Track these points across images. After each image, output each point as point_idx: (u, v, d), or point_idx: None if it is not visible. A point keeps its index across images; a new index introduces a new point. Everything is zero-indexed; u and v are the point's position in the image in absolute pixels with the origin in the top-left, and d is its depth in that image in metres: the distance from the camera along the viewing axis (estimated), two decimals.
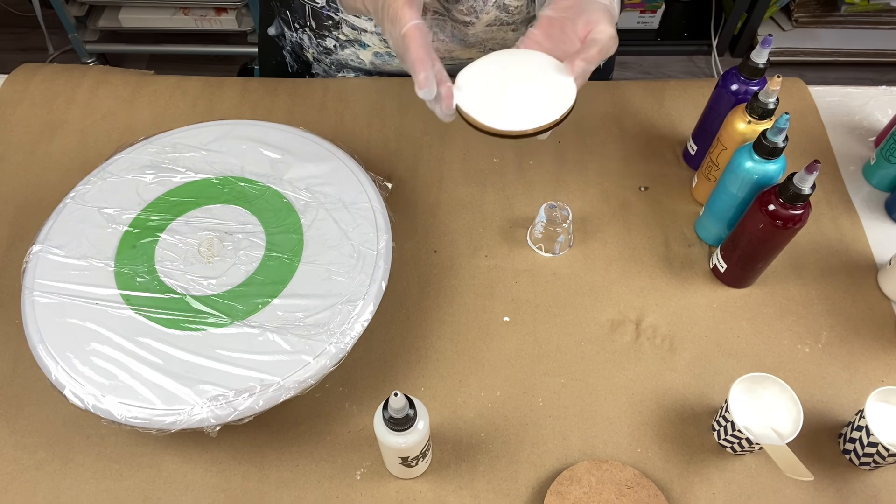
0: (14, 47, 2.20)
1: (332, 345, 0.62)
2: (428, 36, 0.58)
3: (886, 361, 0.71)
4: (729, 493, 0.63)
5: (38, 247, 0.68)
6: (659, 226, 0.81)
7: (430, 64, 0.57)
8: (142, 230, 0.70)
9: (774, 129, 0.65)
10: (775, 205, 0.65)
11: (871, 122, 0.91)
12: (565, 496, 0.62)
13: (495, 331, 0.73)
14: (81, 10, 1.93)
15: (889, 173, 0.83)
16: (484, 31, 0.81)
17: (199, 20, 1.94)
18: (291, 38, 0.93)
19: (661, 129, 0.89)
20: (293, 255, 0.68)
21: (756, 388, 0.63)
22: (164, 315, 0.64)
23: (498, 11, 0.78)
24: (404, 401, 0.53)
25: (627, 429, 0.67)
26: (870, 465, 0.64)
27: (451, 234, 0.79)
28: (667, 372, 0.70)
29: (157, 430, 0.58)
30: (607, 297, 0.75)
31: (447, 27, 0.81)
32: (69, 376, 0.60)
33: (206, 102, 0.90)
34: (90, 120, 0.89)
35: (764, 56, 0.71)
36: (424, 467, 0.64)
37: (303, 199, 0.72)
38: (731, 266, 0.73)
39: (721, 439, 0.65)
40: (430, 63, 0.57)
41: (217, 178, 0.74)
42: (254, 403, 0.59)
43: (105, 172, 0.74)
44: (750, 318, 0.74)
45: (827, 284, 0.76)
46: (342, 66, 0.93)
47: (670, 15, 2.18)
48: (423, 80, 0.57)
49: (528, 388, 0.69)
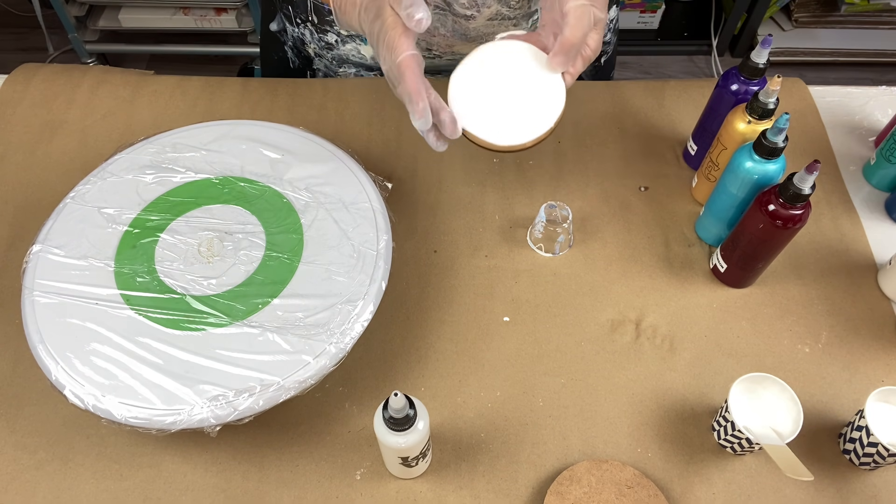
0: (14, 47, 2.20)
1: (332, 345, 0.62)
2: (422, 65, 0.58)
3: (886, 361, 0.71)
4: (729, 493, 0.63)
5: (38, 247, 0.68)
6: (659, 226, 0.81)
7: (426, 94, 0.58)
8: (142, 230, 0.70)
9: (774, 129, 0.65)
10: (775, 205, 0.65)
11: (871, 122, 0.91)
12: (565, 496, 0.62)
13: (495, 331, 0.73)
14: (81, 10, 1.93)
15: (889, 173, 0.83)
16: (485, 26, 0.81)
17: (199, 20, 1.94)
18: (293, 33, 0.93)
19: (661, 129, 0.89)
20: (293, 255, 0.68)
21: (756, 388, 0.63)
22: (164, 315, 0.64)
23: (499, 6, 0.78)
24: (404, 401, 0.53)
25: (627, 429, 0.67)
26: (870, 465, 0.64)
27: (451, 234, 0.79)
28: (667, 372, 0.70)
29: (157, 430, 0.58)
30: (607, 297, 0.75)
31: (448, 21, 0.81)
32: (69, 376, 0.60)
33: (206, 102, 0.90)
34: (90, 120, 0.89)
35: (764, 56, 0.71)
36: (424, 467, 0.64)
37: (303, 199, 0.72)
38: (731, 266, 0.73)
39: (721, 439, 0.65)
40: (426, 93, 0.58)
41: (217, 178, 0.74)
42: (254, 403, 0.59)
43: (105, 172, 0.74)
44: (750, 318, 0.74)
45: (827, 284, 0.76)
46: (343, 61, 0.93)
47: (670, 15, 2.18)
48: (421, 110, 0.57)
49: (528, 388, 0.69)
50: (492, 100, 0.62)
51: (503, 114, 0.62)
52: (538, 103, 0.62)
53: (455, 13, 0.79)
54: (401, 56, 0.57)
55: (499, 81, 0.63)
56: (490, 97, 0.62)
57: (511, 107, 0.62)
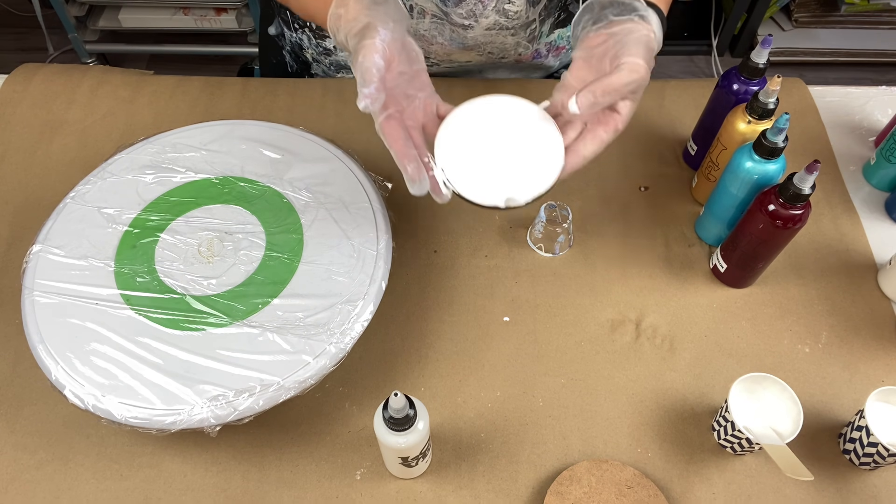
0: (14, 47, 2.20)
1: (332, 345, 0.62)
2: (403, 124, 0.55)
3: (886, 361, 0.71)
4: (729, 493, 0.63)
5: (38, 247, 0.68)
6: (659, 226, 0.81)
7: (415, 154, 0.55)
8: (142, 230, 0.70)
9: (774, 129, 0.65)
10: (775, 205, 0.65)
11: (871, 122, 0.91)
12: (565, 496, 0.62)
13: (495, 331, 0.73)
14: (81, 10, 1.93)
15: (889, 173, 0.83)
16: (483, 35, 0.81)
17: (199, 20, 1.94)
18: (291, 38, 0.93)
19: (661, 129, 0.89)
20: (293, 255, 0.68)
21: (756, 388, 0.63)
22: (164, 315, 0.64)
23: (497, 16, 0.78)
24: (404, 401, 0.53)
25: (627, 429, 0.67)
26: (870, 465, 0.64)
27: (451, 234, 0.79)
28: (667, 372, 0.70)
29: (157, 430, 0.58)
30: (607, 297, 0.75)
31: (446, 30, 0.81)
32: (69, 376, 0.60)
33: (206, 102, 0.90)
34: (90, 120, 0.89)
35: (764, 56, 0.71)
36: (424, 467, 0.64)
37: (303, 199, 0.72)
38: (731, 266, 0.73)
39: (721, 439, 0.65)
40: (414, 153, 0.55)
41: (217, 178, 0.74)
42: (254, 403, 0.59)
43: (105, 172, 0.74)
44: (750, 318, 0.74)
45: (827, 284, 0.76)
46: (341, 66, 0.93)
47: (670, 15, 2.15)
48: (413, 173, 0.54)
49: (528, 388, 0.69)
50: (483, 158, 0.57)
51: (496, 173, 0.57)
52: (534, 160, 0.56)
53: (453, 23, 0.79)
54: (380, 119, 0.54)
55: (490, 137, 0.58)
56: (481, 155, 0.57)
57: (504, 165, 0.57)
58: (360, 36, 0.54)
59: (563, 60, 0.93)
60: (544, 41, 0.88)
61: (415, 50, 0.58)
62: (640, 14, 0.56)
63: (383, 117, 0.55)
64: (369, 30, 0.54)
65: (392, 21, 0.55)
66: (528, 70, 0.94)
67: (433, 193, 0.57)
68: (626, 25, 0.55)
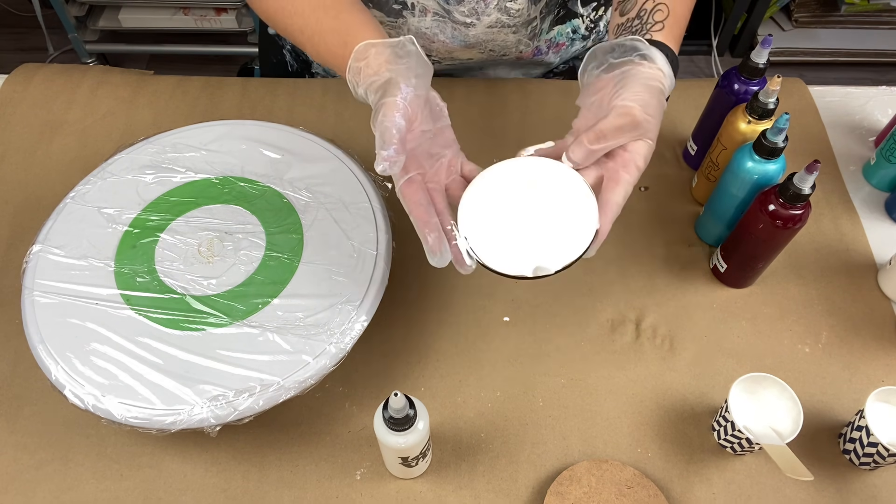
0: (14, 47, 2.20)
1: (332, 345, 0.62)
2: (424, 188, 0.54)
3: (886, 361, 0.71)
4: (729, 493, 0.63)
5: (38, 247, 0.68)
6: (659, 226, 0.81)
7: (436, 222, 0.52)
8: (142, 230, 0.70)
9: (774, 129, 0.65)
10: (775, 205, 0.65)
11: (871, 122, 0.91)
12: (565, 496, 0.62)
13: (495, 331, 0.73)
14: (81, 10, 1.93)
15: (889, 173, 0.83)
16: (485, 33, 0.81)
17: (199, 20, 1.94)
18: None
19: (662, 129, 0.88)
20: (293, 255, 0.68)
21: (756, 388, 0.63)
22: (164, 315, 0.64)
23: (499, 14, 0.78)
24: (404, 401, 0.53)
25: (627, 429, 0.67)
26: (870, 465, 0.64)
27: None
28: (667, 372, 0.70)
29: (157, 430, 0.58)
30: (607, 297, 0.75)
31: (447, 28, 0.81)
32: (69, 376, 0.60)
33: (206, 102, 0.90)
34: (90, 120, 0.89)
35: (764, 56, 0.71)
36: (424, 467, 0.64)
37: (303, 199, 0.72)
38: (731, 266, 0.73)
39: (721, 439, 0.65)
40: (436, 221, 0.52)
41: (217, 178, 0.74)
42: (254, 403, 0.59)
43: (105, 172, 0.74)
44: (750, 318, 0.74)
45: (827, 284, 0.76)
46: None
47: None
48: (433, 244, 0.52)
49: (528, 388, 0.69)
50: (509, 223, 0.54)
51: (524, 240, 0.53)
52: (566, 224, 0.53)
53: (454, 20, 0.79)
54: (400, 182, 0.52)
55: (517, 201, 0.54)
56: (507, 220, 0.54)
57: (533, 231, 0.53)
58: (382, 93, 0.52)
59: (563, 57, 0.93)
60: (545, 38, 0.88)
61: (439, 105, 0.56)
62: (641, 53, 0.55)
63: (404, 181, 0.53)
64: (391, 86, 0.52)
65: (415, 77, 0.53)
66: (528, 67, 0.94)
67: (456, 264, 0.54)
68: (625, 67, 0.54)
